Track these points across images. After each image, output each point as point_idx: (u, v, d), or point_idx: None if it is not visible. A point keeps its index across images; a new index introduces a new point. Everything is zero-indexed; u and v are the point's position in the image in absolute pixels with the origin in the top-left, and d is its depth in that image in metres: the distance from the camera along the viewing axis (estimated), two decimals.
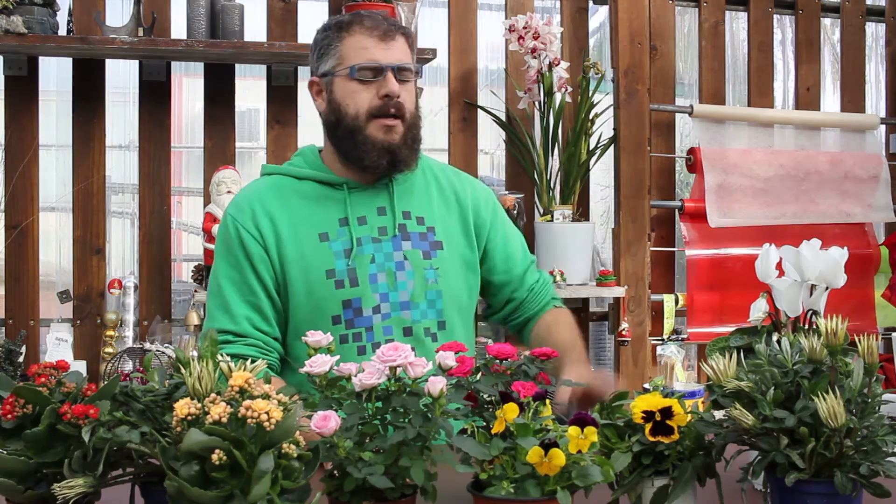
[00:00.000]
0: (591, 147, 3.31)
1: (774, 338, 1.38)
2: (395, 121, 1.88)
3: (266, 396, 1.09)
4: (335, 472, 1.19)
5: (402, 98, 1.88)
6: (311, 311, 1.87)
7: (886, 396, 1.64)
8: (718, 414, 1.28)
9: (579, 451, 1.14)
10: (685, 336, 3.41)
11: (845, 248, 1.42)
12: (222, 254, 1.92)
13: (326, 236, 1.89)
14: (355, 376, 1.23)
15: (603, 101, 3.32)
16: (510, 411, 1.19)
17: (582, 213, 3.36)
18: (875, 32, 3.98)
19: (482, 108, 3.35)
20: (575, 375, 1.76)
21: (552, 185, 3.25)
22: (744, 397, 1.23)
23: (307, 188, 1.94)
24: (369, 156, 1.88)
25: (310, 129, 3.29)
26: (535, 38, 3.13)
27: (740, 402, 1.22)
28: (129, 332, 3.03)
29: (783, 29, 3.90)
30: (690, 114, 3.46)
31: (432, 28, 3.39)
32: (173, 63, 3.16)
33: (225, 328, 1.86)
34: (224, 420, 1.04)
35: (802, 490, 1.19)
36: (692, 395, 1.74)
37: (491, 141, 3.50)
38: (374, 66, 1.87)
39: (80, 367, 2.89)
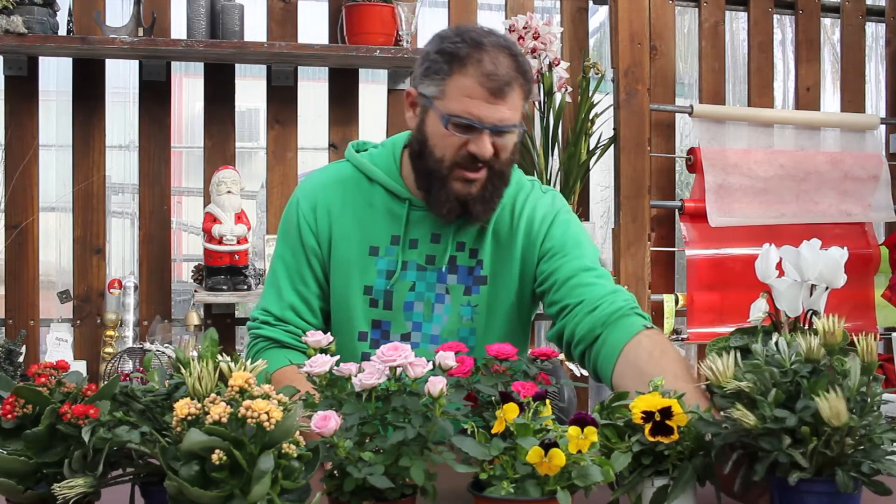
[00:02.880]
0: (591, 147, 3.31)
1: (774, 338, 1.38)
2: (478, 174, 1.75)
3: (266, 396, 1.09)
4: (335, 472, 1.19)
5: (495, 153, 1.74)
6: (342, 318, 1.85)
7: (886, 396, 1.64)
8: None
9: (579, 451, 1.14)
10: (685, 336, 3.41)
11: (845, 248, 1.42)
12: (283, 235, 1.90)
13: (377, 251, 1.84)
14: (355, 376, 1.23)
15: (603, 101, 3.32)
16: (510, 411, 1.19)
17: (582, 213, 3.36)
18: (875, 32, 3.98)
19: None
20: None
21: (552, 185, 3.25)
22: (744, 398, 1.23)
23: (375, 194, 1.86)
24: (441, 206, 1.78)
25: (310, 129, 3.30)
26: (535, 38, 3.13)
27: (740, 402, 1.22)
28: (129, 332, 3.03)
29: (783, 29, 3.90)
30: (690, 114, 3.46)
31: (432, 28, 3.38)
32: (173, 63, 3.17)
33: (269, 309, 1.86)
34: (224, 420, 1.05)
35: (802, 489, 1.19)
36: None
37: None
38: (472, 125, 1.71)
39: (80, 367, 2.90)
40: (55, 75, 3.19)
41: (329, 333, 1.35)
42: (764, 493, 1.28)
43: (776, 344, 1.28)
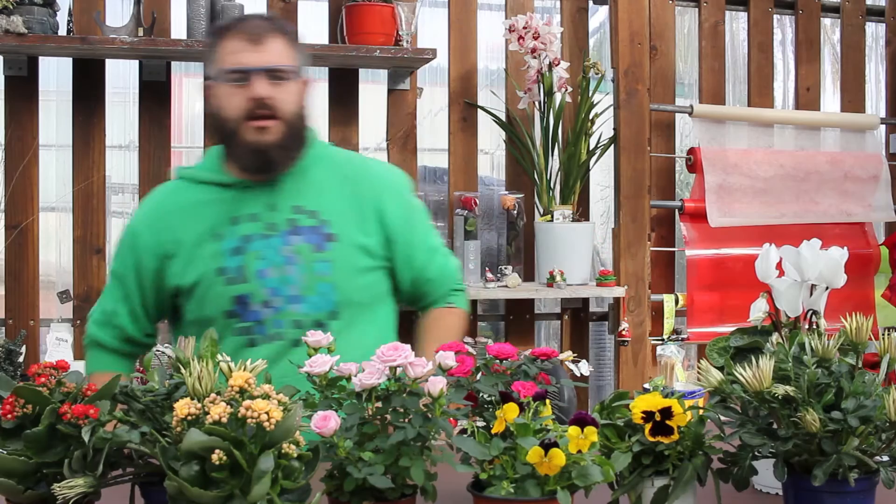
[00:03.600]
0: (591, 147, 3.31)
1: (774, 338, 1.38)
2: (268, 122, 1.90)
3: (266, 396, 1.09)
4: (335, 472, 1.19)
5: (276, 99, 1.90)
6: (207, 306, 1.94)
7: None
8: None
9: (579, 451, 1.14)
10: (685, 336, 3.41)
11: (845, 248, 1.42)
12: (119, 251, 2.05)
13: (221, 236, 1.95)
14: (355, 376, 1.23)
15: (603, 101, 3.32)
16: (510, 411, 1.19)
17: (582, 213, 3.36)
18: (875, 32, 3.97)
19: (482, 108, 3.35)
20: None
21: (552, 185, 3.25)
22: (784, 402, 1.23)
23: (204, 192, 2.00)
24: (242, 159, 1.94)
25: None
26: (535, 38, 3.13)
27: (781, 406, 1.22)
28: None
29: (783, 29, 3.90)
30: (690, 114, 3.46)
31: (432, 28, 3.38)
32: (173, 63, 3.16)
33: (99, 310, 2.06)
34: (224, 420, 1.04)
35: (821, 489, 1.20)
36: (692, 394, 1.74)
37: (491, 141, 3.49)
38: (241, 70, 1.90)
39: (80, 367, 2.88)
40: (55, 75, 3.19)
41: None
42: None
43: (802, 345, 1.28)
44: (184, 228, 1.97)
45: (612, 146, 3.36)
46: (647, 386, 1.51)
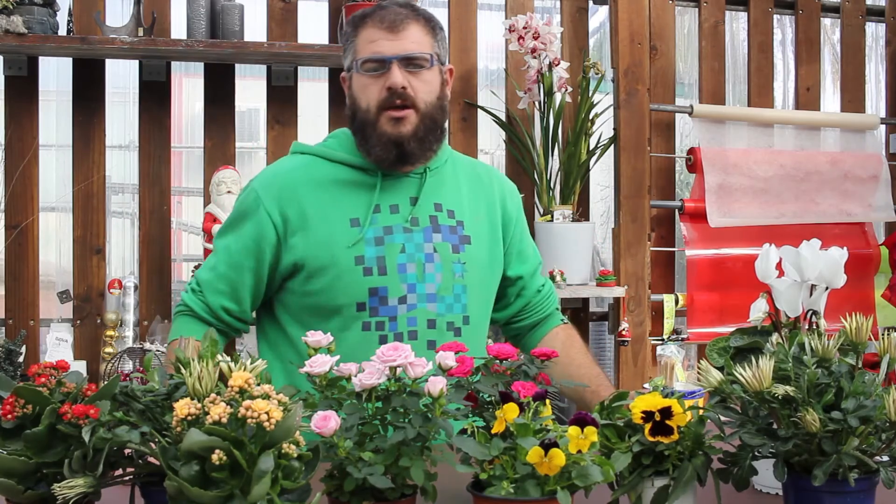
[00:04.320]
0: (591, 147, 3.31)
1: (774, 338, 1.38)
2: (403, 112, 1.86)
3: (266, 396, 1.09)
4: (335, 472, 1.19)
5: (412, 89, 1.86)
6: (337, 295, 1.86)
7: None
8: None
9: (579, 451, 1.14)
10: (685, 336, 3.41)
11: (845, 248, 1.42)
12: (233, 221, 1.93)
13: (358, 222, 1.87)
14: (355, 376, 1.23)
15: (603, 101, 3.32)
16: (510, 411, 1.19)
17: (582, 213, 3.36)
18: (875, 32, 3.98)
19: (482, 108, 3.35)
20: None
21: (552, 185, 3.25)
22: (784, 403, 1.23)
23: (340, 172, 1.92)
24: (375, 149, 1.88)
25: (310, 129, 3.30)
26: (535, 38, 3.13)
27: (781, 406, 1.22)
28: (129, 332, 3.03)
29: (783, 29, 3.90)
30: (690, 114, 3.46)
31: None
32: (173, 63, 3.16)
33: (198, 287, 1.94)
34: (224, 420, 1.04)
35: (821, 489, 1.20)
36: (692, 394, 1.74)
37: (491, 141, 3.49)
38: (377, 59, 1.86)
39: (80, 367, 2.89)
40: (55, 75, 3.19)
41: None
42: None
43: (802, 345, 1.28)
44: (313, 204, 1.88)
45: (612, 146, 3.36)
46: (647, 386, 1.51)
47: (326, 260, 1.85)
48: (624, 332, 3.31)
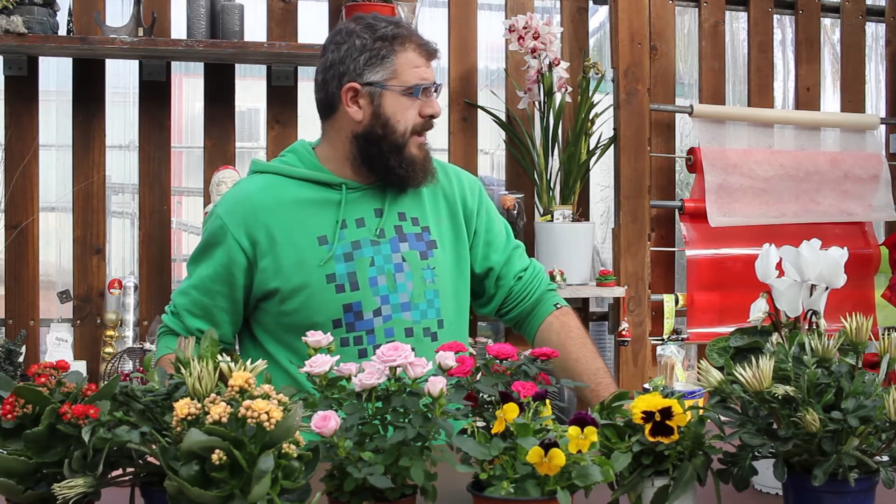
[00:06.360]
0: (591, 147, 3.31)
1: (774, 338, 1.38)
2: (425, 138, 1.96)
3: (266, 396, 1.09)
4: (335, 472, 1.19)
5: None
6: (312, 314, 1.87)
7: None
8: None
9: (579, 451, 1.14)
10: (685, 336, 3.41)
11: (845, 248, 1.42)
12: (203, 248, 1.94)
13: (326, 239, 1.89)
14: (355, 376, 1.23)
15: (603, 101, 3.32)
16: (510, 411, 1.19)
17: (582, 213, 3.36)
18: (875, 32, 3.97)
19: (482, 108, 3.35)
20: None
21: (552, 185, 3.25)
22: (784, 402, 1.23)
23: (303, 189, 1.93)
24: (415, 175, 1.93)
25: (310, 130, 3.30)
26: (535, 38, 3.13)
27: (781, 406, 1.22)
28: (129, 332, 3.03)
29: (783, 29, 3.90)
30: (690, 114, 3.46)
31: (432, 28, 3.38)
32: (173, 63, 3.16)
33: (175, 310, 1.95)
34: (224, 420, 1.04)
35: (821, 489, 1.20)
36: (692, 394, 1.74)
37: (491, 141, 3.49)
38: (427, 87, 1.92)
39: (80, 367, 2.89)
40: (55, 75, 3.19)
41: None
42: None
43: (802, 345, 1.28)
44: (279, 226, 1.88)
45: (612, 146, 3.36)
46: (647, 386, 1.51)
47: (299, 281, 1.87)
48: (624, 332, 3.31)
